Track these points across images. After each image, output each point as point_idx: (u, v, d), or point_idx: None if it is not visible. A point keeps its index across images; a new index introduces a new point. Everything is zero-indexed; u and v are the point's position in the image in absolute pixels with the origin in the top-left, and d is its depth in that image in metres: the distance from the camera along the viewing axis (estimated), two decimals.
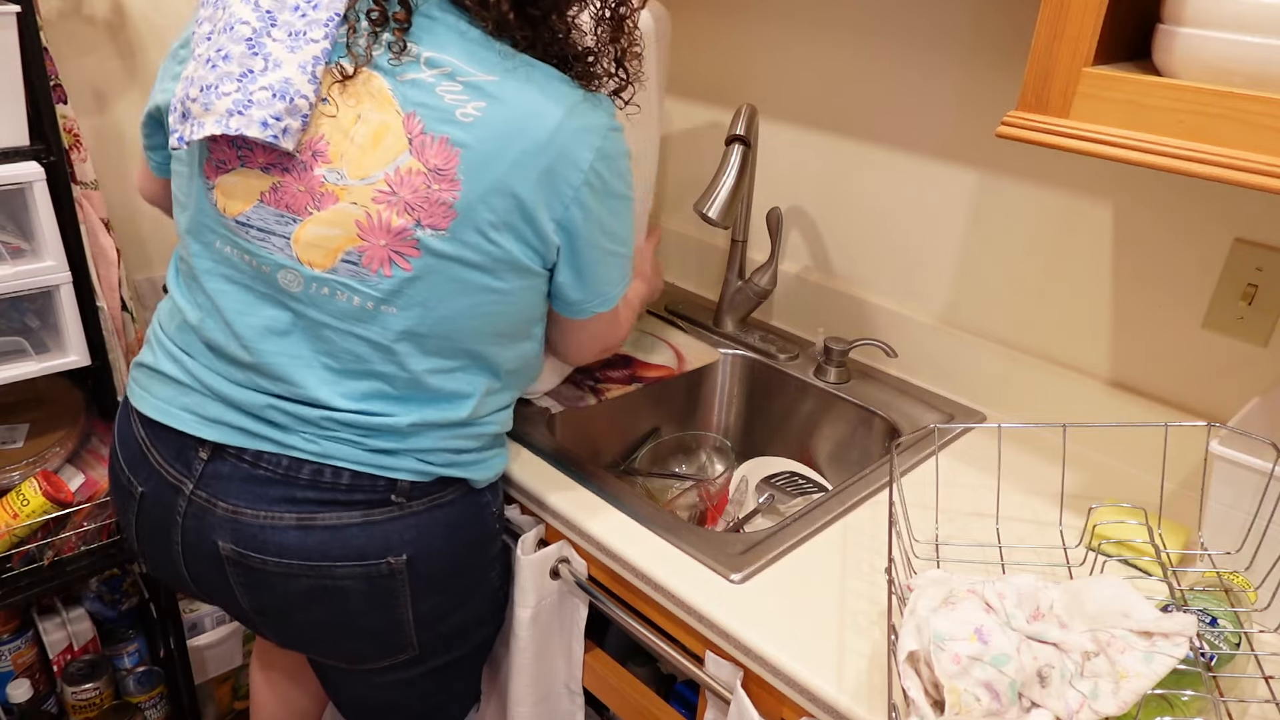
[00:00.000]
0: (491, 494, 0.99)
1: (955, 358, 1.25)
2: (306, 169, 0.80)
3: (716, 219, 1.17)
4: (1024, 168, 1.13)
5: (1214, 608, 0.77)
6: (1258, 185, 0.67)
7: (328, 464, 0.86)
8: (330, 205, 0.80)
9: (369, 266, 0.81)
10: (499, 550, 1.02)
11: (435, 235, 0.80)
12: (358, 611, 0.91)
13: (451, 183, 0.79)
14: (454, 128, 0.79)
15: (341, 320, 0.84)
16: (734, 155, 1.18)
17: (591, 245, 0.88)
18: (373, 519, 0.88)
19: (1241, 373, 1.03)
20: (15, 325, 1.25)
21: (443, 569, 0.94)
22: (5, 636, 1.43)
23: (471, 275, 0.83)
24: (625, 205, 0.90)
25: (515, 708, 1.08)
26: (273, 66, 0.78)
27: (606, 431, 1.29)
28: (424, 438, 0.89)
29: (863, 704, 0.75)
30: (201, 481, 0.88)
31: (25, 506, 1.23)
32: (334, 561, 0.87)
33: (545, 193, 0.82)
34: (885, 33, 1.22)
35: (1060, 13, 0.74)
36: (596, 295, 0.93)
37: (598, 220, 0.87)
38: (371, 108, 0.80)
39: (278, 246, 0.83)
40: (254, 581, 0.90)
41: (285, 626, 0.94)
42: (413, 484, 0.89)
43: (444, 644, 1.01)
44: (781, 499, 1.23)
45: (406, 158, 0.79)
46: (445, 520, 0.93)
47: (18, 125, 1.13)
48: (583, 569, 1.00)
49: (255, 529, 0.87)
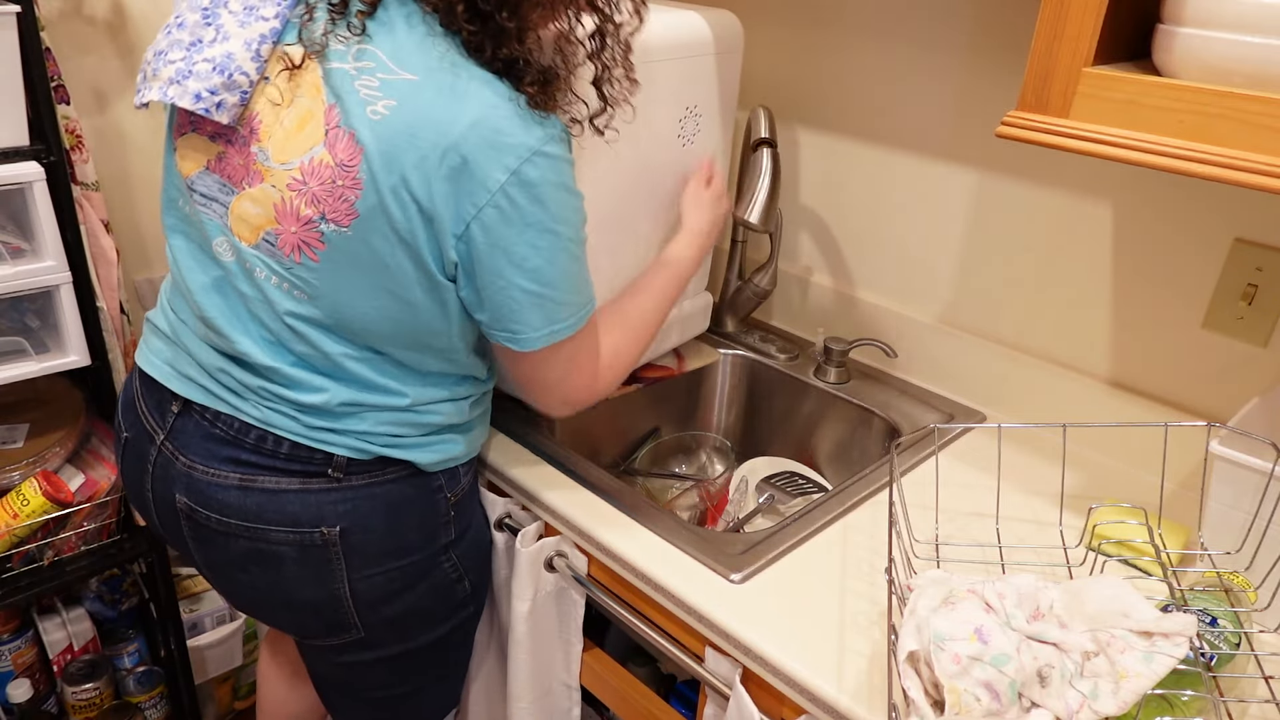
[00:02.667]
0: (447, 480, 0.97)
1: (955, 358, 1.25)
2: (245, 144, 0.82)
3: (757, 224, 1.17)
4: (1024, 168, 1.13)
5: (1214, 608, 0.77)
6: (1258, 185, 0.67)
7: (271, 431, 0.89)
8: (258, 184, 0.82)
9: (283, 250, 0.83)
10: (453, 540, 0.99)
11: (338, 232, 0.80)
12: (293, 580, 0.93)
13: (354, 181, 0.78)
14: (362, 125, 0.77)
15: (261, 296, 0.86)
16: (765, 159, 1.19)
17: (496, 275, 0.81)
18: (309, 487, 0.90)
19: (1241, 373, 1.03)
20: (15, 325, 1.25)
21: (379, 547, 0.93)
22: (5, 636, 1.43)
23: (375, 277, 0.81)
24: (550, 240, 0.80)
25: (514, 703, 1.08)
26: (221, 39, 0.79)
27: (606, 431, 1.29)
28: (359, 420, 0.89)
29: (863, 704, 0.75)
30: (170, 434, 0.93)
31: (25, 506, 1.23)
32: (269, 525, 0.90)
33: (449, 204, 0.77)
34: (885, 32, 1.22)
35: (1060, 13, 0.74)
36: (503, 330, 0.85)
37: (504, 249, 0.79)
38: (304, 93, 0.80)
39: (217, 214, 0.85)
40: (202, 537, 0.94)
41: (232, 586, 0.98)
42: (350, 460, 0.90)
43: (392, 631, 1.00)
44: (781, 499, 1.23)
45: (320, 149, 0.79)
46: (385, 498, 0.92)
47: (18, 125, 1.13)
48: (579, 563, 1.00)
49: (204, 484, 0.90)
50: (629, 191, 1.10)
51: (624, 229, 1.12)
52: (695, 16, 1.12)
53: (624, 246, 1.14)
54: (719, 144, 1.23)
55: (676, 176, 1.17)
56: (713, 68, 1.15)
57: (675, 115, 1.12)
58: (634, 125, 1.05)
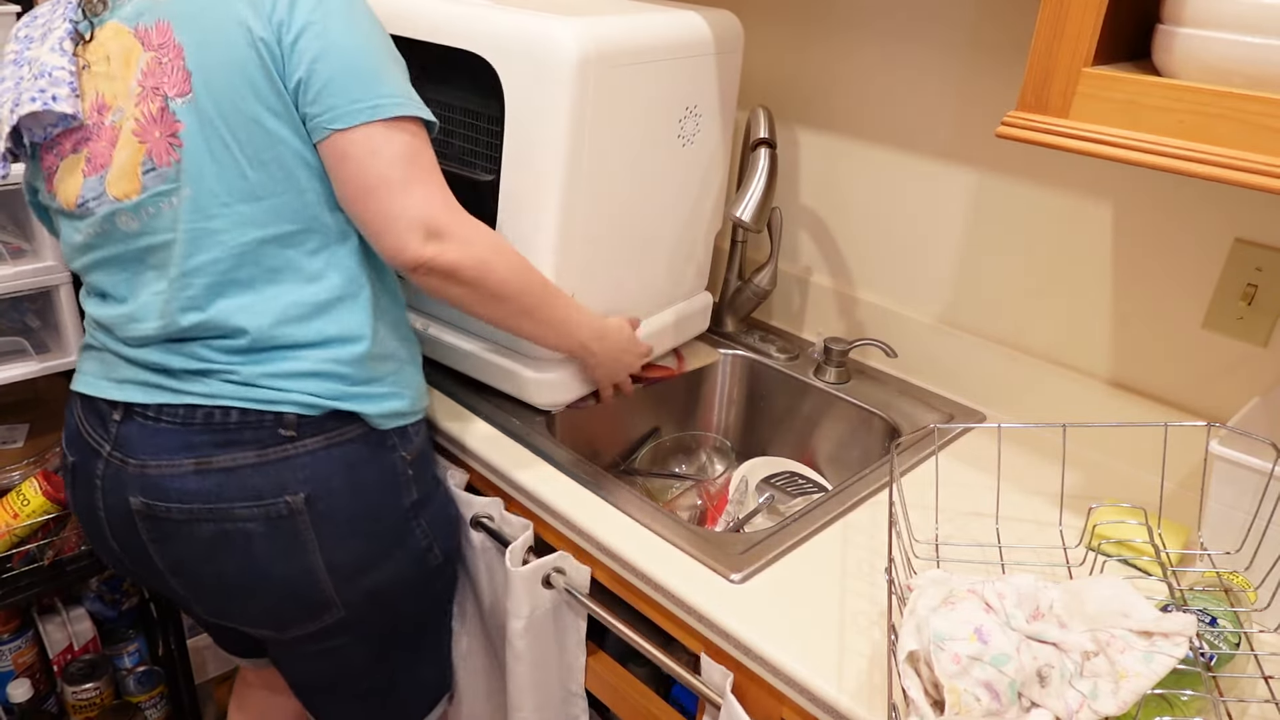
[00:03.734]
0: (399, 439, 0.98)
1: (955, 358, 1.25)
2: (100, 125, 0.88)
3: (750, 223, 1.17)
4: (1024, 168, 1.14)
5: (1214, 608, 0.77)
6: (1258, 185, 0.67)
7: (216, 405, 0.90)
8: (119, 137, 0.88)
9: (159, 161, 0.86)
10: (417, 502, 1.00)
11: (185, 102, 0.85)
12: (264, 559, 0.93)
13: (175, 48, 0.85)
14: (160, 9, 0.86)
15: (169, 230, 0.88)
16: (763, 159, 1.19)
17: (313, 58, 0.85)
18: (267, 458, 0.90)
19: (1241, 373, 1.03)
20: (15, 325, 1.25)
21: (347, 511, 0.94)
22: (5, 636, 1.43)
23: (237, 117, 0.85)
24: (355, 27, 0.87)
25: (515, 713, 1.08)
26: (31, 63, 0.89)
27: (606, 431, 1.29)
28: (294, 358, 0.90)
29: (863, 704, 0.75)
30: (116, 443, 0.93)
31: (25, 506, 1.23)
32: (231, 502, 0.90)
33: (260, 9, 0.84)
34: (886, 32, 1.22)
35: (1060, 13, 0.74)
36: (327, 110, 0.86)
37: (317, 31, 0.85)
38: (114, 44, 0.88)
39: (107, 199, 0.89)
40: (162, 534, 0.93)
41: (201, 585, 0.97)
42: (300, 417, 0.91)
43: (373, 606, 1.00)
44: (781, 499, 1.23)
45: (143, 56, 0.86)
46: (344, 458, 0.93)
47: None
48: (578, 579, 1.00)
49: (158, 479, 0.91)
50: (628, 191, 1.10)
51: (623, 228, 1.12)
52: (695, 16, 1.12)
53: (623, 245, 1.14)
54: (719, 144, 1.23)
55: (677, 176, 1.17)
56: (713, 68, 1.15)
57: (675, 115, 1.12)
58: (633, 125, 1.06)
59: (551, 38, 0.95)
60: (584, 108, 0.98)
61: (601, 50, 0.97)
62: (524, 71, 0.98)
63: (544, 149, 0.99)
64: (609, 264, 1.12)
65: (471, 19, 1.01)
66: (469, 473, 1.12)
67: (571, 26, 0.95)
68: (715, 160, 1.24)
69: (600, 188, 1.05)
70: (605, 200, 1.07)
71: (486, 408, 1.15)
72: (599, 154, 1.03)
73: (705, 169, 1.22)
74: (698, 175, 1.21)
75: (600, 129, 1.01)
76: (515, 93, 0.99)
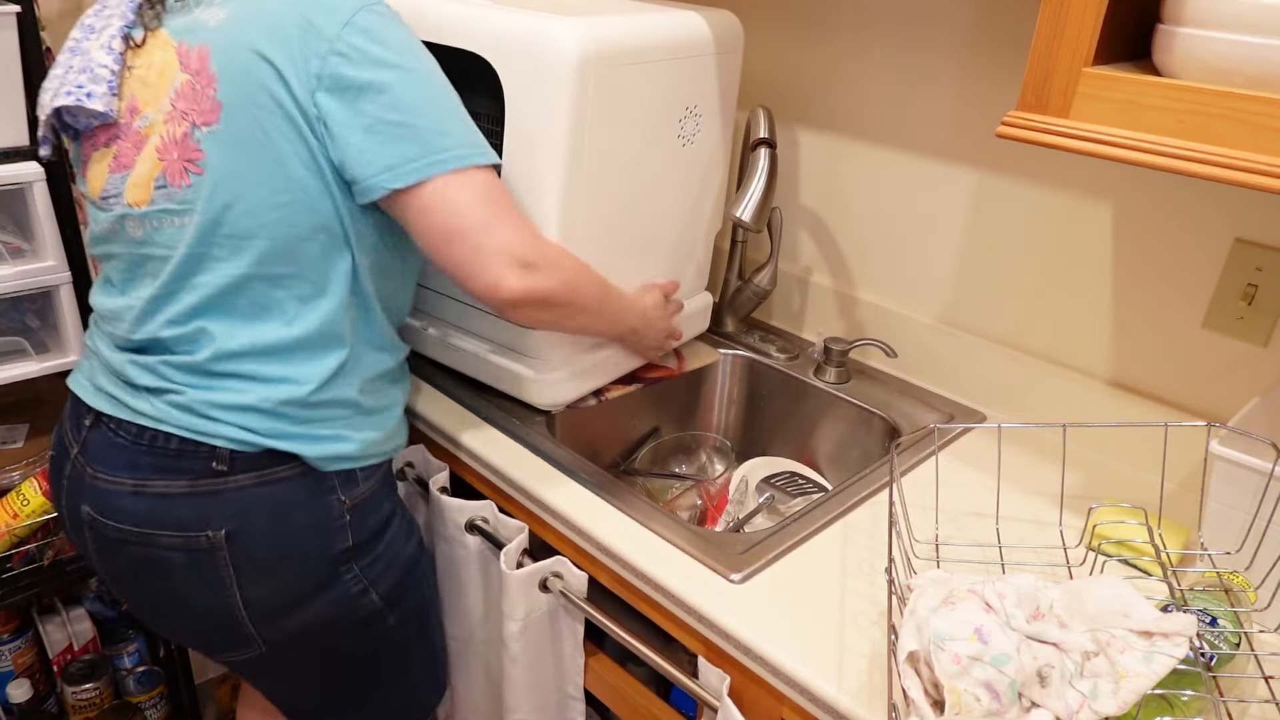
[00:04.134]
0: (342, 483, 0.95)
1: (955, 358, 1.25)
2: (129, 126, 0.90)
3: (750, 223, 1.17)
4: (1024, 168, 1.14)
5: (1214, 608, 0.77)
6: (1258, 185, 0.67)
7: (161, 429, 0.90)
8: (144, 146, 0.89)
9: (172, 181, 0.88)
10: (351, 548, 0.97)
11: (210, 131, 0.86)
12: (186, 588, 0.93)
13: (209, 77, 0.86)
14: (205, 33, 0.87)
15: (170, 247, 0.89)
16: (763, 159, 1.19)
17: (357, 114, 0.85)
18: (197, 489, 0.90)
19: (1241, 373, 1.03)
20: (15, 325, 1.25)
21: (269, 551, 0.93)
22: (5, 636, 1.43)
23: (254, 156, 0.86)
24: (396, 74, 0.86)
25: (511, 715, 1.08)
26: (83, 54, 0.91)
27: (606, 431, 1.29)
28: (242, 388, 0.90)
29: (863, 704, 0.75)
30: (83, 447, 0.95)
31: (25, 506, 1.23)
32: (157, 530, 0.91)
33: (300, 58, 0.84)
34: (886, 32, 1.22)
35: (1060, 13, 0.74)
36: (384, 170, 0.86)
37: (358, 88, 0.85)
38: (158, 52, 0.90)
39: (121, 202, 0.91)
40: (101, 546, 0.95)
41: (133, 597, 0.99)
42: (234, 453, 0.90)
43: (295, 644, 0.99)
44: (781, 499, 1.23)
45: (179, 76, 0.88)
46: (272, 498, 0.92)
47: (18, 125, 1.14)
48: (575, 583, 0.99)
49: (104, 493, 0.92)
50: (628, 191, 1.10)
51: (623, 228, 1.12)
52: (695, 16, 1.12)
53: (623, 245, 1.14)
54: (719, 144, 1.23)
55: (677, 177, 1.17)
56: (713, 68, 1.15)
57: (675, 115, 1.12)
58: (633, 125, 1.06)
59: (552, 37, 0.95)
60: (584, 108, 0.98)
61: (602, 50, 0.97)
62: (524, 71, 0.98)
63: (544, 149, 0.99)
64: (609, 264, 1.11)
65: (472, 19, 1.01)
66: (468, 473, 1.12)
67: (572, 26, 0.95)
68: (715, 160, 1.23)
69: (600, 188, 1.05)
70: (605, 200, 1.07)
71: (486, 408, 1.15)
72: (599, 154, 1.03)
73: (705, 169, 1.22)
74: (697, 175, 1.21)
75: (600, 129, 1.01)
76: (515, 93, 0.99)
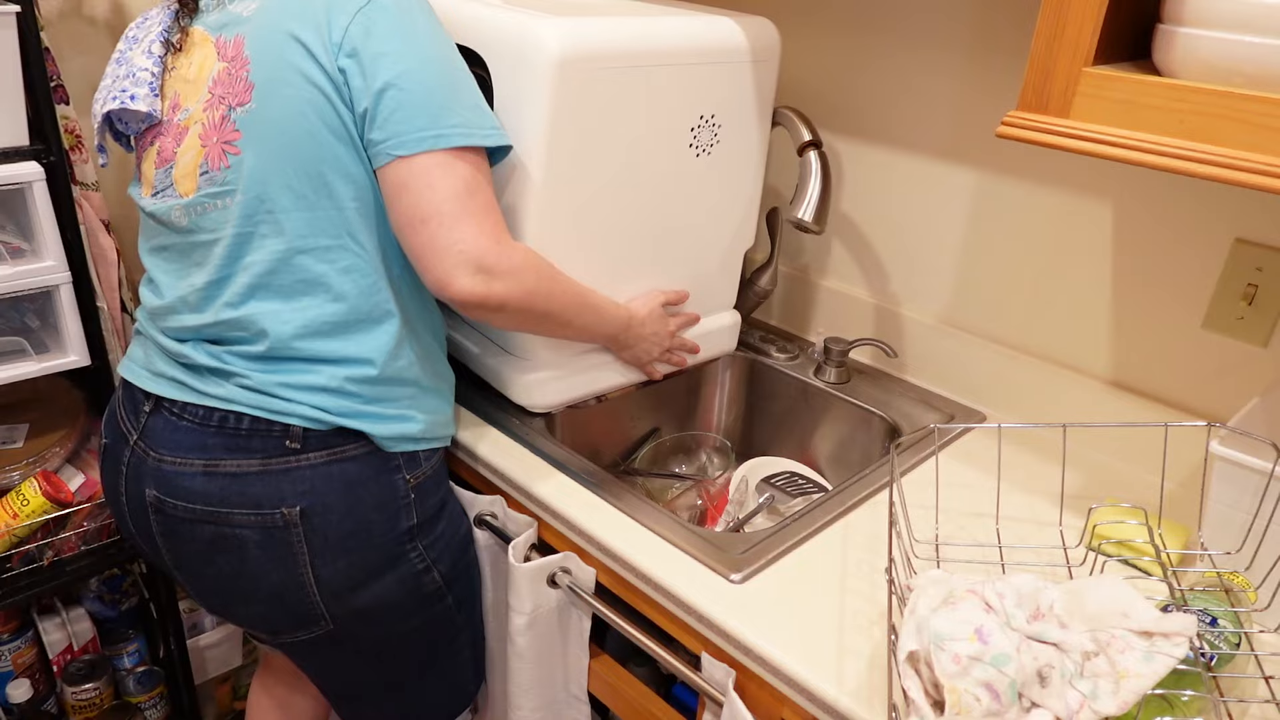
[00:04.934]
0: (406, 463, 0.98)
1: (955, 358, 1.25)
2: (171, 122, 0.94)
3: (810, 223, 1.15)
4: (1024, 168, 1.14)
5: (1214, 608, 0.77)
6: (1258, 185, 0.67)
7: (231, 409, 0.92)
8: (185, 137, 0.93)
9: (213, 165, 0.91)
10: (415, 526, 0.99)
11: (246, 111, 0.89)
12: (258, 566, 0.94)
13: (244, 61, 0.89)
14: (240, 24, 0.91)
15: (216, 230, 0.92)
16: (814, 161, 1.16)
17: (373, 78, 0.86)
18: (270, 468, 0.92)
19: (1241, 373, 1.03)
20: (15, 325, 1.25)
21: (340, 528, 0.94)
22: (5, 636, 1.43)
23: (287, 130, 0.88)
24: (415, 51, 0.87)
25: (515, 712, 1.08)
26: (126, 63, 0.96)
27: (606, 431, 1.29)
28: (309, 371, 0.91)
29: (863, 704, 0.75)
30: (143, 433, 0.96)
31: (25, 506, 1.23)
32: (232, 508, 0.92)
33: (323, 33, 0.87)
34: (886, 33, 1.22)
35: (1060, 13, 0.74)
36: (391, 135, 0.87)
37: (376, 54, 0.86)
38: (198, 52, 0.94)
39: (173, 194, 0.94)
40: (169, 529, 0.96)
41: (201, 582, 1.00)
42: (306, 430, 0.92)
43: (363, 623, 1.00)
44: (781, 499, 1.23)
45: (217, 65, 0.92)
46: (343, 476, 0.94)
47: (18, 125, 1.13)
48: (584, 579, 1.00)
49: (171, 475, 0.93)
50: (624, 198, 1.08)
51: (623, 235, 1.11)
52: (724, 22, 1.09)
53: (622, 252, 1.13)
54: (747, 155, 1.19)
55: (689, 187, 1.14)
56: (736, 75, 1.11)
57: (686, 123, 1.09)
58: (630, 130, 1.04)
59: (534, 35, 0.94)
60: (564, 108, 0.96)
61: (586, 51, 0.95)
62: (509, 69, 0.97)
63: (524, 148, 0.98)
64: (602, 269, 1.10)
65: (471, 15, 1.01)
66: (468, 472, 1.12)
67: (557, 26, 0.94)
68: (742, 172, 1.19)
69: (586, 190, 1.03)
70: (593, 204, 1.05)
71: (486, 407, 1.15)
72: (584, 156, 1.01)
73: (728, 181, 1.18)
74: (717, 187, 1.17)
75: (587, 131, 0.99)
76: (502, 91, 0.99)
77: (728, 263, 1.26)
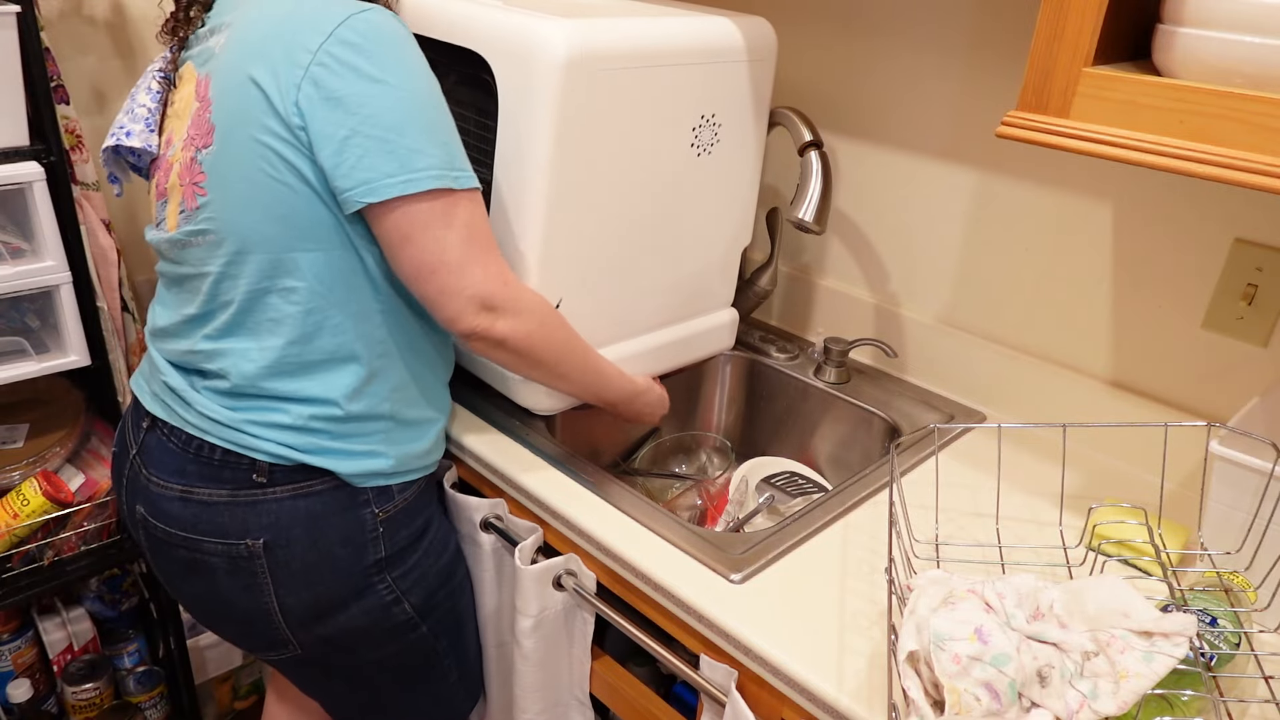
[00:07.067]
0: (376, 496, 0.97)
1: (955, 358, 1.25)
2: (164, 157, 0.96)
3: (812, 223, 1.15)
4: (1024, 168, 1.14)
5: (1214, 608, 0.77)
6: (1258, 185, 0.67)
7: (206, 439, 0.93)
8: (171, 173, 0.95)
9: (187, 205, 0.92)
10: (384, 559, 0.99)
11: (208, 152, 0.89)
12: (228, 592, 0.97)
13: (208, 102, 0.90)
14: (212, 61, 0.91)
15: (198, 265, 0.93)
16: (814, 161, 1.16)
17: (336, 125, 0.83)
18: (238, 499, 0.94)
19: (1241, 373, 1.03)
20: (15, 325, 1.25)
21: (304, 560, 0.95)
22: (5, 636, 1.43)
23: (246, 173, 0.87)
24: (378, 89, 0.83)
25: (521, 715, 1.08)
26: (131, 99, 0.99)
27: (606, 431, 1.29)
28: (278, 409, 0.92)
29: (863, 704, 0.75)
30: (141, 449, 0.99)
31: (25, 506, 1.23)
32: (203, 536, 0.94)
33: (283, 71, 0.84)
34: (886, 32, 1.22)
35: (1060, 13, 0.74)
36: (359, 184, 0.84)
37: (336, 100, 0.83)
38: (185, 88, 0.95)
39: (163, 228, 0.97)
40: (153, 547, 0.99)
41: (182, 597, 1.03)
42: (272, 466, 0.93)
43: (331, 648, 1.01)
44: (781, 499, 1.23)
45: (193, 106, 0.92)
46: (308, 510, 0.94)
47: (18, 125, 1.13)
48: (589, 581, 1.00)
49: (156, 496, 0.96)
50: (630, 198, 1.08)
51: (625, 235, 1.11)
52: (722, 22, 1.09)
53: (625, 252, 1.13)
54: (745, 154, 1.19)
55: (691, 187, 1.14)
56: (735, 74, 1.12)
57: (688, 123, 1.09)
58: (635, 130, 1.04)
59: (541, 36, 0.94)
60: (572, 109, 0.96)
61: (593, 51, 0.95)
62: (515, 70, 0.97)
63: (530, 149, 0.98)
64: (607, 270, 1.10)
65: (473, 17, 1.01)
66: (468, 473, 1.12)
67: (564, 27, 0.94)
68: (740, 171, 1.20)
69: (593, 192, 1.03)
70: (601, 205, 1.05)
71: (486, 407, 1.15)
72: (591, 157, 1.01)
73: (728, 180, 1.18)
74: (717, 186, 1.18)
75: (594, 132, 1.00)
76: (507, 92, 0.99)
77: (727, 261, 1.26)
